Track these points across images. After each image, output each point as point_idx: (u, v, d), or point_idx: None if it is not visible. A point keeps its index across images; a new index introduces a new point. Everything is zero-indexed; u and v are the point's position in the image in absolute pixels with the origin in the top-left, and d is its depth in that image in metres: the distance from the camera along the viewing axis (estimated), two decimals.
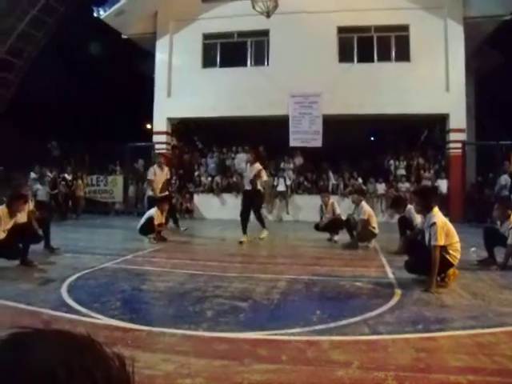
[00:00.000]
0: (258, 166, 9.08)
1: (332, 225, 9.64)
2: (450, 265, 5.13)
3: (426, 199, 5.36)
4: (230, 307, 4.25)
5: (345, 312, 4.06)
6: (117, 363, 0.60)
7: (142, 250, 8.03)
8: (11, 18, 19.04)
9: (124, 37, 17.60)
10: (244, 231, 9.10)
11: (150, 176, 10.68)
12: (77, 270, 5.88)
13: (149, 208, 9.89)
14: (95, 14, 16.26)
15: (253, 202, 9.18)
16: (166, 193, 10.84)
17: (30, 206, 7.24)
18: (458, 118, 15.29)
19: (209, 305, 4.32)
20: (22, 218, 6.53)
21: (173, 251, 8.29)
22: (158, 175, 10.60)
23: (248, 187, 9.08)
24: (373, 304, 4.38)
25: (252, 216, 9.41)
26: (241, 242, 8.93)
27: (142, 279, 5.62)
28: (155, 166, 10.81)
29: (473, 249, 7.36)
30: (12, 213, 6.17)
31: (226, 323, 3.74)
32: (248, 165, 9.43)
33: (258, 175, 8.97)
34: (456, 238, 5.18)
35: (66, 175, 16.52)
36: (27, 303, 4.21)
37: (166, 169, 10.95)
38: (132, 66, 19.45)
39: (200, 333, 3.50)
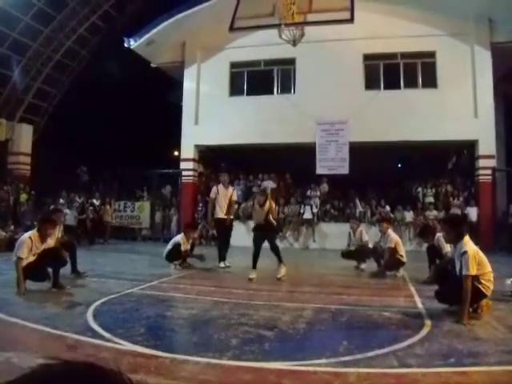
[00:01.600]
0: (267, 203, 8.57)
1: (359, 252, 9.50)
2: (483, 295, 4.95)
3: (456, 228, 5.21)
4: (256, 336, 4.18)
5: (372, 343, 3.93)
6: None
7: (168, 277, 8.04)
8: (48, 50, 19.85)
9: (153, 66, 18.10)
10: (254, 266, 8.21)
11: (211, 194, 9.81)
12: (102, 295, 5.91)
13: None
14: (126, 44, 16.80)
15: (267, 235, 8.57)
16: (225, 217, 9.58)
17: (59, 231, 7.38)
18: (488, 144, 15.03)
19: (234, 333, 4.25)
20: (51, 242, 6.63)
21: (198, 278, 8.27)
22: (221, 193, 9.62)
23: (260, 222, 8.54)
24: (402, 335, 4.24)
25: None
26: (250, 279, 7.93)
27: (166, 305, 5.60)
28: (220, 184, 9.86)
29: (508, 281, 7.08)
30: (43, 237, 6.29)
31: (251, 352, 3.66)
32: (258, 206, 8.64)
33: (270, 210, 8.51)
34: (489, 268, 5.00)
35: (94, 200, 16.83)
36: (53, 327, 4.24)
37: (230, 188, 9.88)
38: (161, 94, 19.90)
39: (224, 361, 3.43)
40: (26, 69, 19.65)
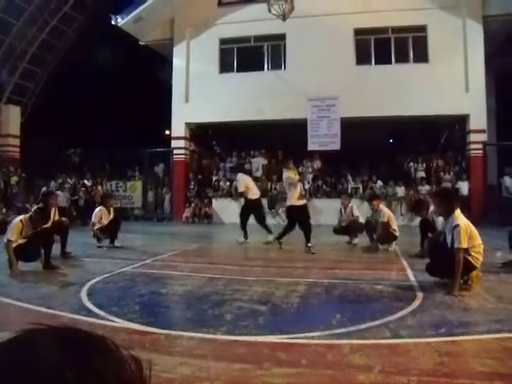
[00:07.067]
0: (285, 174, 8.75)
1: (350, 227, 9.56)
2: (473, 267, 5.01)
3: (448, 201, 5.23)
4: (249, 311, 4.21)
5: (365, 315, 3.99)
6: (133, 366, 0.56)
7: (161, 255, 8.05)
8: (33, 29, 19.42)
9: (142, 43, 17.81)
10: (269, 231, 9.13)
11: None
12: (96, 275, 5.92)
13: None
14: (113, 22, 16.47)
15: (302, 217, 8.70)
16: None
17: (55, 213, 7.38)
18: (479, 119, 15.04)
19: (228, 308, 4.29)
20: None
21: (191, 255, 8.30)
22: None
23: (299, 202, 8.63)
24: (394, 307, 4.30)
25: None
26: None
27: (160, 283, 5.63)
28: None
29: (498, 253, 7.18)
30: (33, 225, 6.25)
31: (245, 327, 3.70)
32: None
33: (291, 185, 8.56)
34: (479, 241, 5.06)
35: (85, 181, 16.73)
36: (47, 307, 4.25)
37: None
38: (150, 72, 19.64)
39: (219, 336, 3.47)
40: (11, 48, 19.23)
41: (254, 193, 9.89)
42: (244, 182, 9.86)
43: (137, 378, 0.56)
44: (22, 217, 6.34)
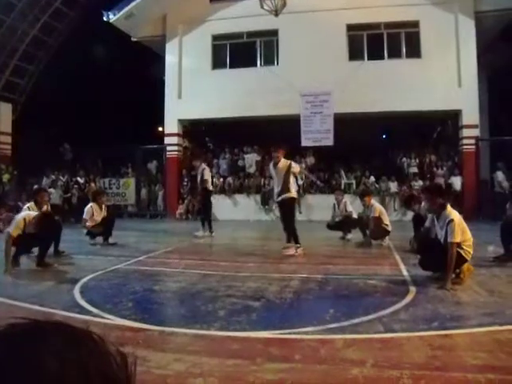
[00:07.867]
0: (284, 161, 7.57)
1: (344, 223, 9.59)
2: (464, 260, 5.04)
3: (440, 197, 5.23)
4: (243, 306, 4.21)
5: (358, 310, 4.00)
6: (118, 360, 0.56)
7: (155, 252, 8.04)
8: (23, 25, 19.23)
9: (134, 40, 17.70)
10: (296, 241, 7.66)
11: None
12: (89, 272, 5.89)
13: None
14: (105, 18, 16.38)
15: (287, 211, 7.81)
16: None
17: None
18: (471, 114, 15.12)
19: (221, 304, 4.29)
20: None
21: (185, 252, 8.28)
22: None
23: (281, 196, 7.59)
24: (387, 302, 4.31)
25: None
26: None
27: (154, 280, 5.61)
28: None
29: (490, 247, 7.22)
30: (35, 227, 6.22)
31: (238, 322, 3.70)
32: (272, 167, 7.76)
33: (289, 172, 7.48)
34: (469, 235, 5.10)
35: (78, 178, 16.65)
36: (40, 304, 4.23)
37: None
38: (142, 68, 19.56)
39: (212, 332, 3.47)
40: (1, 45, 19.04)
41: (210, 185, 10.83)
42: (209, 171, 10.77)
43: (121, 372, 0.56)
44: (26, 215, 6.25)
